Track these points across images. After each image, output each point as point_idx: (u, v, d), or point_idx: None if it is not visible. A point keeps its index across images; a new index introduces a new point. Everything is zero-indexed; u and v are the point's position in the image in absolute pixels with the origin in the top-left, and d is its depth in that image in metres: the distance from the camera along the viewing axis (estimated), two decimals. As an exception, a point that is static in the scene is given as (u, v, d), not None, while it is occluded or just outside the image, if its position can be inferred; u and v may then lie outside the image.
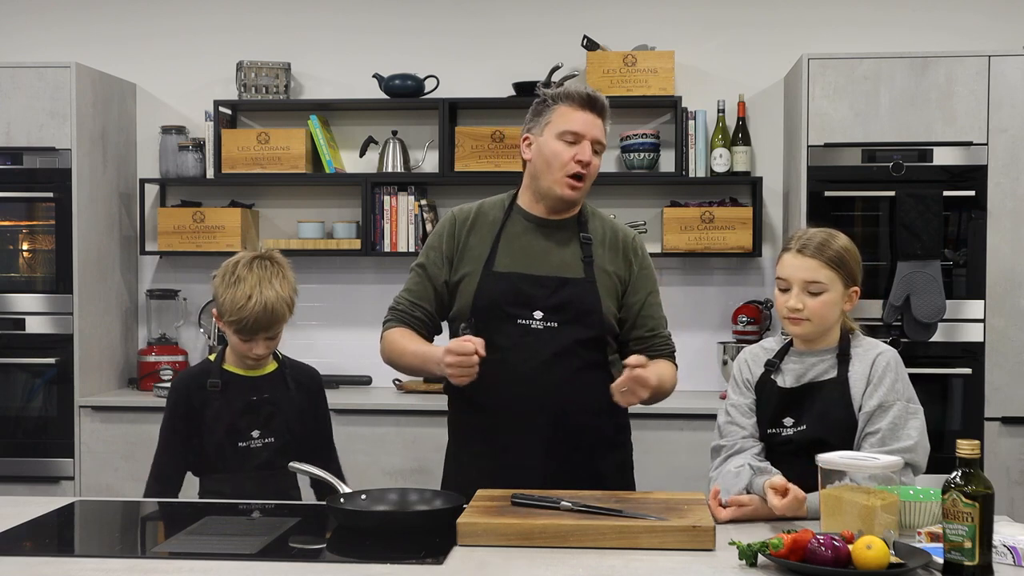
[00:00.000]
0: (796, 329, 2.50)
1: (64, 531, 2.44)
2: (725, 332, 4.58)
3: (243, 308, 2.66)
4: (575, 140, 2.58)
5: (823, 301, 2.47)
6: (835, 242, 2.50)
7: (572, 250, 2.65)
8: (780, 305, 2.51)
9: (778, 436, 2.47)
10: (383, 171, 4.64)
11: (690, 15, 4.69)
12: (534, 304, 2.59)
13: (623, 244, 2.70)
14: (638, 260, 2.71)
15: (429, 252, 2.73)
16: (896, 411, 2.41)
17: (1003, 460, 4.03)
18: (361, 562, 2.08)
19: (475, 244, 2.68)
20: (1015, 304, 4.06)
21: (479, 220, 2.71)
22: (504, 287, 2.61)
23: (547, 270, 2.62)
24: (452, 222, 2.72)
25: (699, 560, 2.02)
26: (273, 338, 2.76)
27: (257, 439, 2.76)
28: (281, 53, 4.77)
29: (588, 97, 2.60)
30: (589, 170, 2.60)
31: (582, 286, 2.61)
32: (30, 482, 4.29)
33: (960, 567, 1.87)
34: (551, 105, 2.62)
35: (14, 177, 4.37)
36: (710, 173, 4.52)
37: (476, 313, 2.60)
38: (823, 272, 2.46)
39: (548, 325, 2.58)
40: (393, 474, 4.15)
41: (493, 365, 2.51)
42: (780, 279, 2.51)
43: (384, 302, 4.70)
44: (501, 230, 2.67)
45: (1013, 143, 4.05)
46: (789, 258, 2.50)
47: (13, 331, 4.37)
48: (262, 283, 2.69)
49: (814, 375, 2.51)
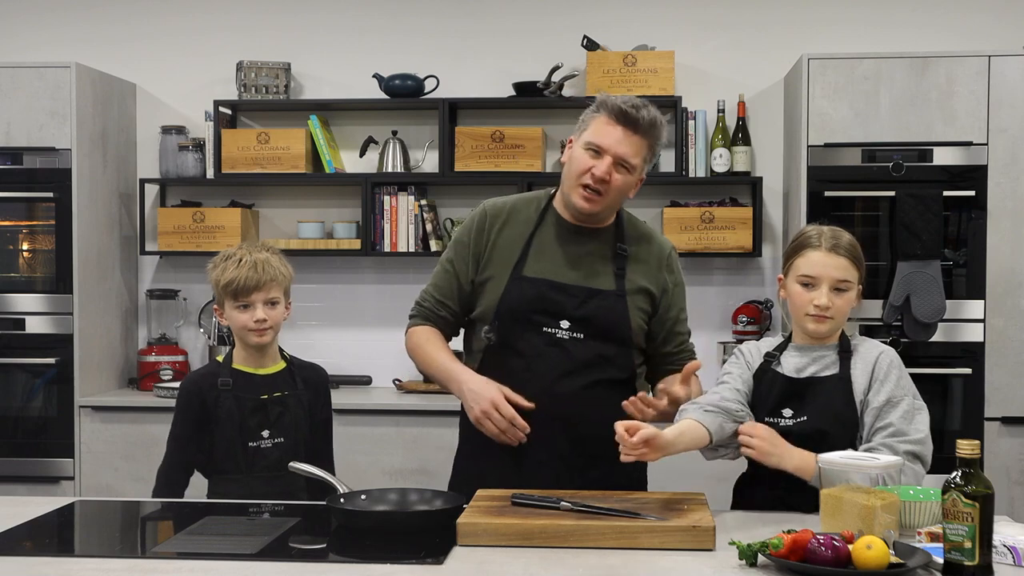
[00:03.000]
0: (821, 327, 2.49)
1: (64, 531, 2.44)
2: (725, 332, 4.58)
3: (235, 269, 2.75)
4: (598, 153, 2.51)
5: (847, 299, 2.49)
6: (854, 240, 2.52)
7: (605, 261, 2.59)
8: (804, 303, 2.48)
9: (776, 426, 2.47)
10: (383, 171, 4.64)
11: (690, 15, 4.69)
12: (561, 313, 2.54)
13: (657, 259, 2.65)
14: (673, 277, 2.67)
15: (457, 247, 2.67)
16: (906, 406, 2.42)
17: (1003, 460, 4.03)
18: (361, 562, 2.08)
19: (505, 244, 2.62)
20: (1015, 304, 4.06)
21: (512, 218, 2.64)
22: (532, 294, 2.56)
23: (577, 279, 2.57)
24: (484, 217, 2.65)
25: (699, 560, 2.02)
26: (274, 304, 2.79)
27: (267, 439, 2.76)
28: (281, 53, 4.77)
29: (622, 112, 2.48)
30: (607, 187, 2.50)
31: (612, 299, 2.56)
32: (30, 482, 4.29)
33: (960, 567, 1.87)
34: (593, 113, 2.55)
35: (14, 177, 4.37)
36: (710, 173, 4.52)
37: (500, 318, 2.56)
38: (852, 271, 2.48)
39: (574, 336, 2.54)
40: (393, 474, 4.15)
41: (515, 373, 2.49)
42: (807, 276, 2.47)
43: (384, 302, 4.78)
44: (534, 232, 2.61)
45: (1013, 143, 4.05)
46: (820, 256, 2.48)
47: (13, 331, 4.37)
48: (251, 250, 2.82)
49: (815, 370, 2.51)
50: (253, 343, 2.79)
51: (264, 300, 2.77)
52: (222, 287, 2.78)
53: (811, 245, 2.51)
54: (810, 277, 2.48)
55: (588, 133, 2.53)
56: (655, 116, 2.53)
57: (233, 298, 2.76)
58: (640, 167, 2.55)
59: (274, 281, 2.79)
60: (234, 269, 2.76)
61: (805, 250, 2.51)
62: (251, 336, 2.78)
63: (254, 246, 2.86)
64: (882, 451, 2.35)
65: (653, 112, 2.53)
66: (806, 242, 2.53)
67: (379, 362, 4.63)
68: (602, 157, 2.50)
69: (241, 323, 2.77)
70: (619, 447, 2.23)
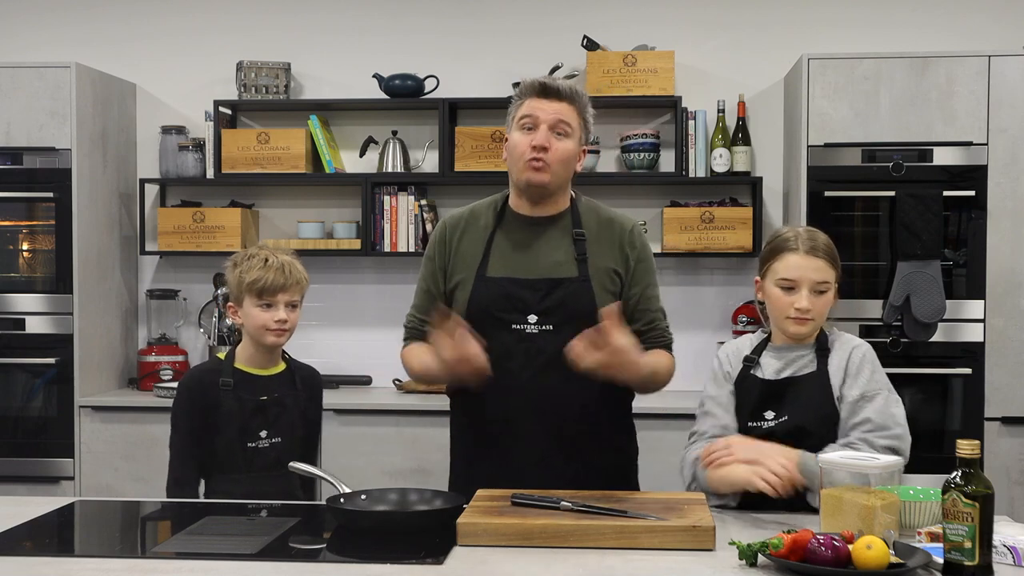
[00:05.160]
0: (802, 329, 2.50)
1: (64, 531, 2.44)
2: (725, 332, 4.58)
3: (263, 268, 2.79)
4: (533, 126, 2.55)
5: (826, 300, 2.50)
6: (829, 240, 2.54)
7: (565, 248, 2.61)
8: (785, 306, 2.49)
9: (759, 429, 2.48)
10: (383, 171, 4.64)
11: (690, 15, 4.69)
12: (527, 308, 2.56)
13: (619, 237, 2.64)
14: (635, 252, 2.64)
15: (427, 264, 2.72)
16: (881, 400, 2.44)
17: (1003, 460, 4.03)
18: (361, 562, 2.08)
19: (467, 250, 2.66)
20: (1015, 304, 4.06)
21: (470, 225, 2.68)
22: (496, 293, 2.58)
23: (539, 272, 2.59)
24: (443, 229, 2.71)
25: (699, 560, 2.02)
26: (294, 307, 2.83)
27: (265, 439, 2.77)
28: (281, 53, 4.77)
29: (542, 86, 2.56)
30: (549, 154, 2.54)
31: (576, 286, 2.57)
32: (30, 482, 4.29)
33: (960, 567, 1.87)
34: (516, 100, 2.62)
35: (14, 177, 4.37)
36: (710, 173, 4.52)
37: (471, 320, 2.55)
38: (829, 272, 2.50)
39: (543, 329, 2.55)
40: (393, 474, 4.15)
41: (492, 372, 2.49)
42: (786, 280, 2.49)
43: (384, 302, 4.78)
44: (493, 233, 2.65)
45: (1013, 143, 4.05)
46: (798, 259, 2.48)
47: (13, 331, 4.37)
48: (276, 252, 2.86)
49: (794, 370, 2.52)
50: (269, 343, 2.81)
51: (287, 302, 2.81)
52: (246, 285, 2.79)
53: (788, 248, 2.51)
54: (789, 280, 2.49)
55: (517, 115, 2.59)
56: (572, 85, 2.62)
57: (257, 296, 2.78)
58: (578, 132, 2.60)
59: (298, 284, 2.84)
60: (260, 269, 2.79)
61: (783, 253, 2.51)
62: (268, 336, 2.79)
63: (277, 249, 2.89)
64: (860, 446, 2.37)
65: (570, 83, 2.63)
66: (783, 245, 2.53)
67: (379, 362, 4.63)
68: (537, 128, 2.56)
69: (261, 322, 2.78)
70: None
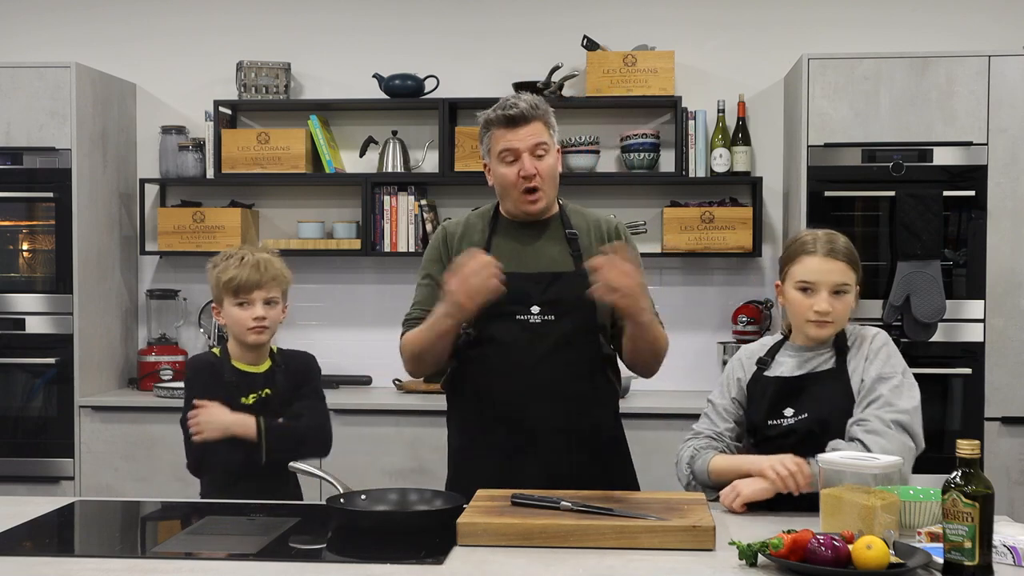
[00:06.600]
0: (823, 332, 2.51)
1: (64, 531, 2.44)
2: (725, 332, 4.58)
3: (238, 267, 2.78)
4: (514, 158, 2.63)
5: (847, 302, 2.51)
6: (849, 242, 2.54)
7: (560, 247, 2.71)
8: (804, 309, 2.50)
9: (779, 427, 2.48)
10: (383, 171, 4.64)
11: (690, 15, 4.69)
12: (531, 300, 2.64)
13: (607, 233, 2.75)
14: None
15: (430, 264, 2.79)
16: (896, 381, 2.45)
17: (1003, 460, 4.03)
18: (361, 562, 2.08)
19: (468, 249, 2.69)
20: (1015, 304, 4.06)
21: (468, 231, 2.77)
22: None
23: (539, 267, 2.68)
24: (444, 233, 2.80)
25: (699, 560, 2.02)
26: (272, 304, 2.81)
27: None
28: (281, 53, 4.77)
29: (507, 118, 2.62)
30: (539, 179, 2.63)
31: (574, 279, 2.64)
32: (30, 482, 4.29)
33: (960, 567, 1.87)
34: (486, 133, 2.68)
35: (14, 177, 4.37)
36: (710, 173, 4.52)
37: (476, 314, 2.60)
38: (849, 273, 2.50)
39: (546, 319, 2.63)
40: (393, 474, 4.15)
41: (496, 362, 2.59)
42: (806, 282, 2.49)
43: (384, 302, 4.78)
44: (490, 237, 2.73)
45: (1013, 143, 4.05)
46: (817, 262, 2.49)
47: (13, 331, 4.37)
48: (252, 250, 2.86)
49: (811, 367, 2.53)
50: (251, 341, 2.80)
51: (264, 299, 2.79)
52: (223, 284, 2.79)
53: (807, 251, 2.52)
54: (808, 283, 2.50)
55: (495, 148, 2.66)
56: (531, 99, 2.66)
57: (233, 295, 2.78)
58: (552, 141, 2.68)
59: (274, 281, 2.82)
60: (235, 267, 2.79)
61: (802, 256, 2.52)
62: (249, 335, 2.79)
63: (255, 247, 2.89)
64: (870, 422, 2.38)
65: (527, 98, 2.66)
66: (802, 248, 2.54)
67: (379, 362, 4.62)
68: (519, 158, 2.63)
69: (240, 321, 2.78)
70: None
